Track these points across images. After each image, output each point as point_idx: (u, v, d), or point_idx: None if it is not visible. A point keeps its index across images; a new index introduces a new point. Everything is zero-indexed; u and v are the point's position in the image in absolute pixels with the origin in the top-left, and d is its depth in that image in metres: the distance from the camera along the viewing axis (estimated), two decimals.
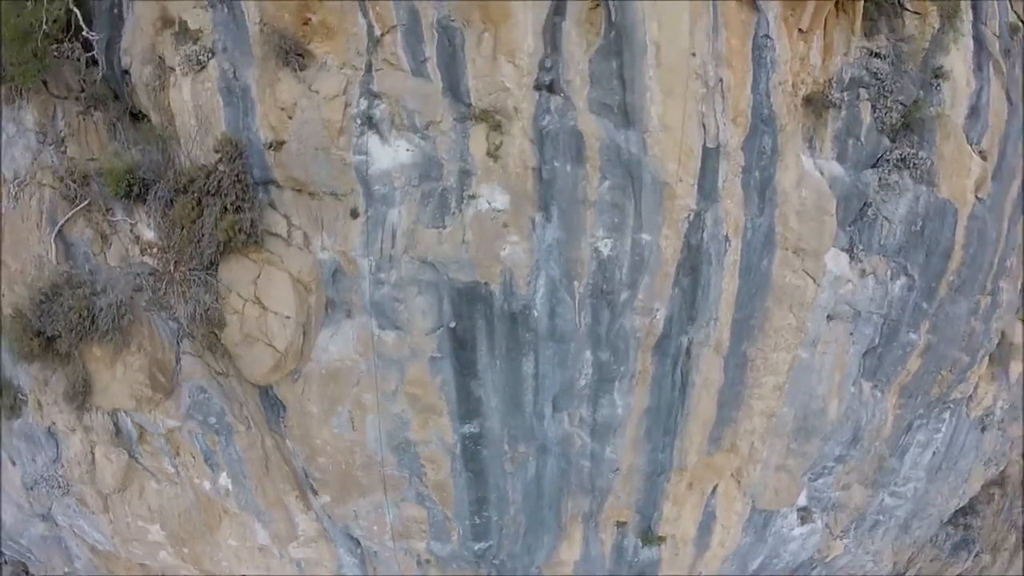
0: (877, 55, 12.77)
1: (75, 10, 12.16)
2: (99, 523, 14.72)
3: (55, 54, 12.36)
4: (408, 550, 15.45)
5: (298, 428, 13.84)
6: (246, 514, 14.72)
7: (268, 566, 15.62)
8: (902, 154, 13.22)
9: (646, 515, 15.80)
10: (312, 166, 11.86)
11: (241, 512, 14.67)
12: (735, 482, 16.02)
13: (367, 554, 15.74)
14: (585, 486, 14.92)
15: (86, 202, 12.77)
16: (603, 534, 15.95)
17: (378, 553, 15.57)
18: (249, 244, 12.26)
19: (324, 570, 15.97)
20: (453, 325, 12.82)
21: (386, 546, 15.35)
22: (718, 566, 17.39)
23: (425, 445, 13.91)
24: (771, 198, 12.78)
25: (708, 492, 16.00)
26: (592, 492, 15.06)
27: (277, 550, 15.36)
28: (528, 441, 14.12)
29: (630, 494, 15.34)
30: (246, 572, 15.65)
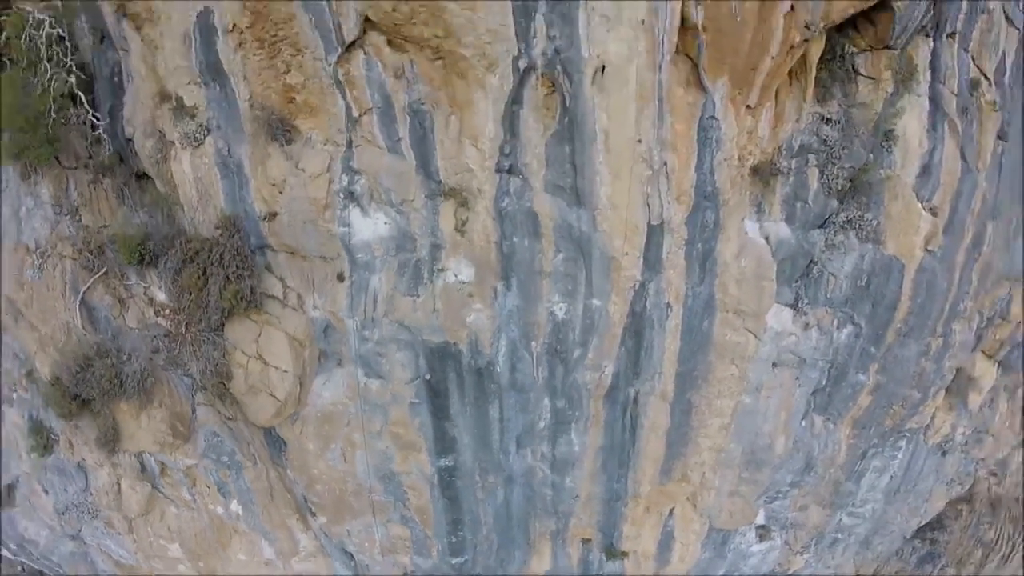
0: (828, 120, 12.59)
1: (80, 93, 12.31)
2: (124, 542, 15.95)
3: (62, 121, 12.35)
4: (395, 563, 16.65)
5: (297, 461, 14.96)
6: (254, 533, 15.99)
7: None
8: (848, 216, 13.27)
9: (608, 534, 16.74)
10: (302, 236, 12.45)
11: (250, 532, 15.93)
12: (691, 505, 16.74)
13: (360, 566, 16.89)
14: (549, 510, 15.99)
15: (103, 271, 13.41)
16: (570, 548, 17.02)
17: (369, 566, 16.76)
18: (250, 308, 13.03)
19: None
20: (428, 377, 13.85)
21: (376, 560, 16.57)
22: None
23: (407, 475, 15.06)
24: (711, 268, 13.18)
25: (665, 514, 16.81)
26: (556, 515, 16.12)
27: (281, 564, 16.59)
28: (496, 472, 15.18)
29: (591, 516, 16.32)
30: None
